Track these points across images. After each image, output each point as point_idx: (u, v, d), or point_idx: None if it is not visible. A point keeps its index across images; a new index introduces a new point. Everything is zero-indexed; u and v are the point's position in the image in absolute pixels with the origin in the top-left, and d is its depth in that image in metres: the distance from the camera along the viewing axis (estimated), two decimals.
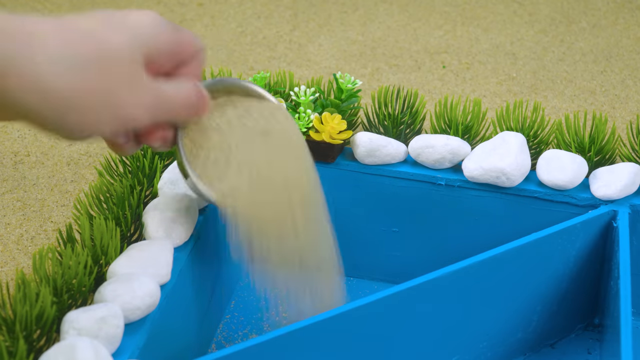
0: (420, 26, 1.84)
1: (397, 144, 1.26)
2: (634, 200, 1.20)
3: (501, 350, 1.17)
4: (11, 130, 1.51)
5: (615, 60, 1.73)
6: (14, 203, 1.36)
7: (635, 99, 1.61)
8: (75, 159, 1.45)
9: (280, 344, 1.00)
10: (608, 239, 1.19)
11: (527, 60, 1.73)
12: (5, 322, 0.97)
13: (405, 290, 1.06)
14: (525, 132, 1.27)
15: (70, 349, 0.92)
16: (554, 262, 1.16)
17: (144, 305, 1.01)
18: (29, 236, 1.30)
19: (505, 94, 1.63)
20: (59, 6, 1.86)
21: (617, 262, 1.12)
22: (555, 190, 1.21)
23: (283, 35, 1.81)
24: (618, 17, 1.87)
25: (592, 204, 1.20)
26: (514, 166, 1.20)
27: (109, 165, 1.22)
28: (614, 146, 1.25)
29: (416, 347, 1.10)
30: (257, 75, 1.30)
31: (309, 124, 1.25)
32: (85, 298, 1.04)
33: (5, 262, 1.25)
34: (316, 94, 1.27)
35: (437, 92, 1.63)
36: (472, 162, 1.22)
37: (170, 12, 1.88)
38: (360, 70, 1.70)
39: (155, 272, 1.05)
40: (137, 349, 1.00)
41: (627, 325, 1.03)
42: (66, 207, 1.35)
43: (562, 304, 1.19)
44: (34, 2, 1.88)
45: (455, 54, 1.75)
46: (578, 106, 1.59)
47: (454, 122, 1.28)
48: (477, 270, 1.10)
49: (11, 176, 1.41)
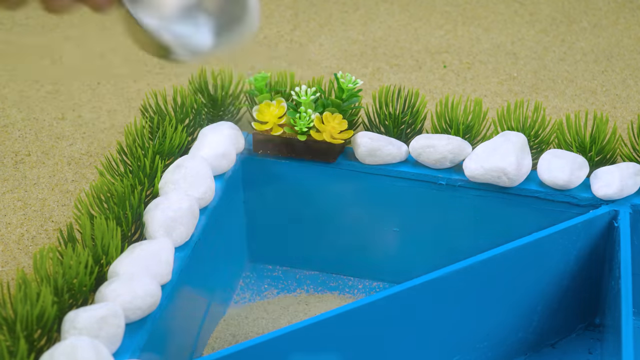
0: (421, 26, 1.84)
1: (398, 144, 1.26)
2: (635, 200, 1.19)
3: (502, 350, 1.17)
4: (12, 129, 1.51)
5: (616, 60, 1.73)
6: (15, 203, 1.36)
7: (636, 99, 1.61)
8: (76, 158, 1.45)
9: (280, 343, 1.00)
10: (609, 239, 1.19)
11: (528, 60, 1.73)
12: (6, 321, 0.97)
13: (406, 290, 1.06)
14: (526, 132, 1.27)
15: (71, 349, 0.92)
16: (555, 262, 1.16)
17: (144, 305, 1.01)
18: (30, 236, 1.30)
19: (506, 93, 1.63)
20: None
21: (618, 262, 1.12)
22: (556, 190, 1.21)
23: (284, 35, 1.81)
24: (619, 17, 1.87)
25: (593, 204, 1.20)
26: (515, 166, 1.20)
27: (110, 165, 1.21)
28: (615, 146, 1.25)
29: (417, 347, 1.10)
30: (257, 75, 1.30)
31: (310, 123, 1.25)
32: (86, 297, 1.04)
33: (6, 262, 1.25)
34: (317, 94, 1.27)
35: (438, 92, 1.63)
36: (473, 162, 1.22)
37: None
38: (361, 70, 1.70)
39: (156, 272, 1.05)
40: (138, 348, 1.00)
41: (628, 325, 1.03)
42: (67, 207, 1.35)
43: (562, 303, 1.19)
44: (34, 2, 1.88)
45: (456, 53, 1.75)
46: (579, 106, 1.59)
47: (455, 121, 1.28)
48: (478, 270, 1.10)
49: (12, 176, 1.41)
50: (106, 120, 1.53)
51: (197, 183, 1.18)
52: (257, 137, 1.29)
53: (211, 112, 1.37)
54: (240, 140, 1.29)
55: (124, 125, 1.49)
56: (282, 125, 1.28)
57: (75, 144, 1.48)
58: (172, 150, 1.25)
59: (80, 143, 1.48)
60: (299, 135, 1.26)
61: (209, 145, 1.25)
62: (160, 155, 1.23)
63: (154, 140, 1.27)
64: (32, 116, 1.55)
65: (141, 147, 1.25)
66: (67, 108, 1.57)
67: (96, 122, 1.53)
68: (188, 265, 1.12)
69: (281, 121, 1.27)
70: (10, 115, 1.55)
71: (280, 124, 1.28)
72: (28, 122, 1.53)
